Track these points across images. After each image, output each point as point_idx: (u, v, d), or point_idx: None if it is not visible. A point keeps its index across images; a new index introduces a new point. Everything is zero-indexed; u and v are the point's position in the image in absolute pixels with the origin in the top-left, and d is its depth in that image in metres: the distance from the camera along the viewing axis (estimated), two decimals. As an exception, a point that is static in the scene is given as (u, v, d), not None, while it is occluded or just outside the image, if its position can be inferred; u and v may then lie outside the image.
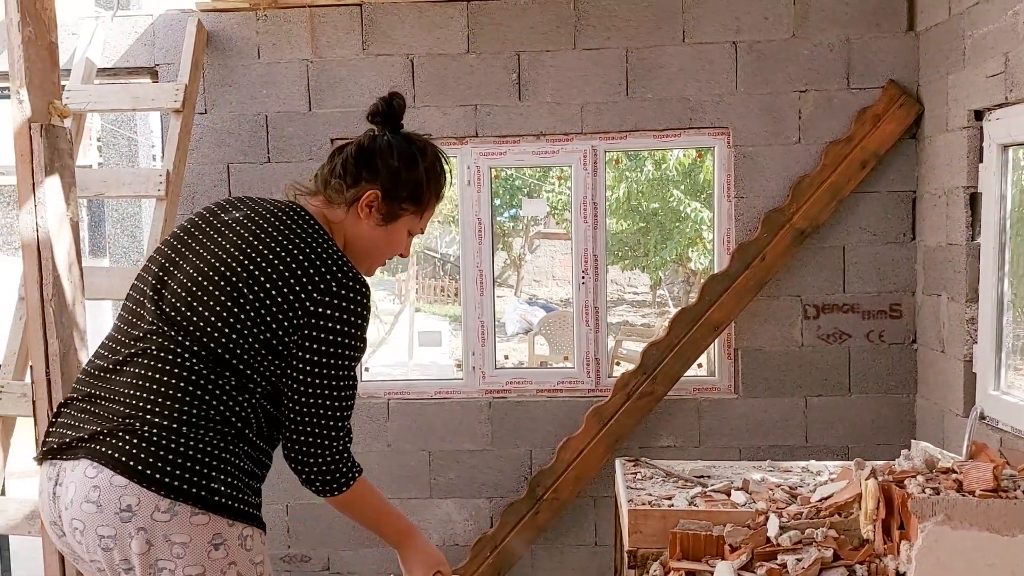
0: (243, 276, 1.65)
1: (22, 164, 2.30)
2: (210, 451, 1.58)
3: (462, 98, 3.86)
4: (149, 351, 1.63)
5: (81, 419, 1.64)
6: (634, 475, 2.69)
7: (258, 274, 1.66)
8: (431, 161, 1.84)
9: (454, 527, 3.98)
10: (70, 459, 1.60)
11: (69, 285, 2.44)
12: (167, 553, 1.54)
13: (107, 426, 1.59)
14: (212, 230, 1.74)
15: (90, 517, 1.55)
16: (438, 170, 1.86)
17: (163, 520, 1.53)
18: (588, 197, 3.92)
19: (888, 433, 3.83)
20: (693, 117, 3.81)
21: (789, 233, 3.71)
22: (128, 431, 1.57)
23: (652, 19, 3.79)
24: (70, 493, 1.58)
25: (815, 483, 2.52)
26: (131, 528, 1.53)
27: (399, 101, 1.83)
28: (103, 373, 1.67)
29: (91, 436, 1.59)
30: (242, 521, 1.60)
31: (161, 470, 1.54)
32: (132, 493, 1.53)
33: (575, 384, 3.99)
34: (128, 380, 1.62)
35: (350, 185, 1.78)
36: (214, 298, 1.64)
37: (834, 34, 3.75)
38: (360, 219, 1.80)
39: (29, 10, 2.18)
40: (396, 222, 1.83)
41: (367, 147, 1.80)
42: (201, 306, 1.64)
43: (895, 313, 3.82)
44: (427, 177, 1.83)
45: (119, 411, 1.60)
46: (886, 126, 3.70)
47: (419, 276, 16.57)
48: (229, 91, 3.91)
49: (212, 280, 1.66)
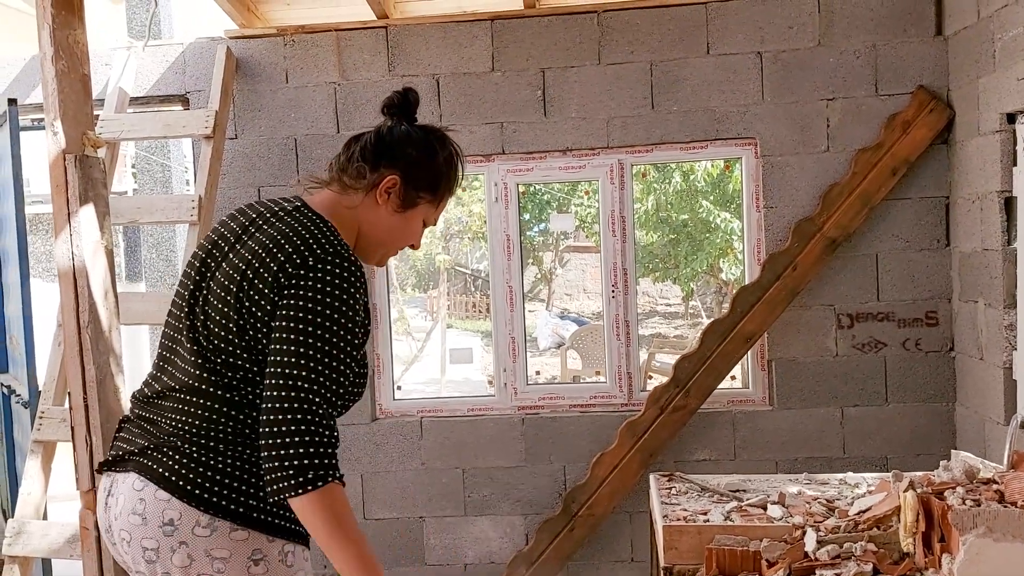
0: (239, 285, 1.62)
1: (57, 194, 2.35)
2: (249, 468, 1.60)
3: (488, 116, 3.89)
4: (188, 383, 1.65)
5: (135, 434, 1.70)
6: (668, 490, 2.66)
7: (250, 277, 1.61)
8: (449, 152, 1.83)
9: (489, 544, 3.98)
10: (121, 471, 1.67)
11: (105, 312, 2.48)
12: (208, 568, 1.57)
13: (154, 442, 1.64)
14: (225, 244, 1.73)
15: (136, 529, 1.60)
16: (454, 161, 1.84)
17: (203, 535, 1.56)
18: (616, 211, 3.91)
19: (928, 443, 3.76)
20: (719, 128, 3.80)
21: (820, 242, 3.67)
22: (172, 448, 1.61)
23: (676, 32, 3.79)
24: (119, 504, 1.64)
25: (853, 496, 2.48)
26: (173, 542, 1.56)
27: (414, 95, 1.83)
28: (154, 395, 1.71)
29: (140, 450, 1.65)
30: (282, 537, 1.62)
31: (201, 486, 1.57)
32: (174, 508, 1.57)
33: (608, 399, 3.97)
34: (172, 405, 1.66)
35: (369, 171, 1.76)
36: (226, 316, 1.63)
37: (861, 41, 3.72)
38: (378, 205, 1.77)
39: (62, 44, 2.24)
40: (413, 209, 1.81)
41: (387, 135, 1.79)
42: (219, 328, 1.63)
43: (931, 320, 3.76)
44: (445, 167, 1.82)
45: (165, 428, 1.65)
46: (916, 132, 3.66)
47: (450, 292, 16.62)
48: (258, 116, 3.97)
49: (223, 299, 1.64)
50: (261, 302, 1.58)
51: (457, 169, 1.85)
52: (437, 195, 1.83)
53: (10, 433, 4.03)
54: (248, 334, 1.59)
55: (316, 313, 1.54)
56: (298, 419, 1.49)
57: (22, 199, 3.50)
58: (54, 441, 3.35)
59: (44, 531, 3.22)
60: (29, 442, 3.37)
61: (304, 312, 1.54)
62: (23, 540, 3.19)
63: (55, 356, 3.42)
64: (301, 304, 1.55)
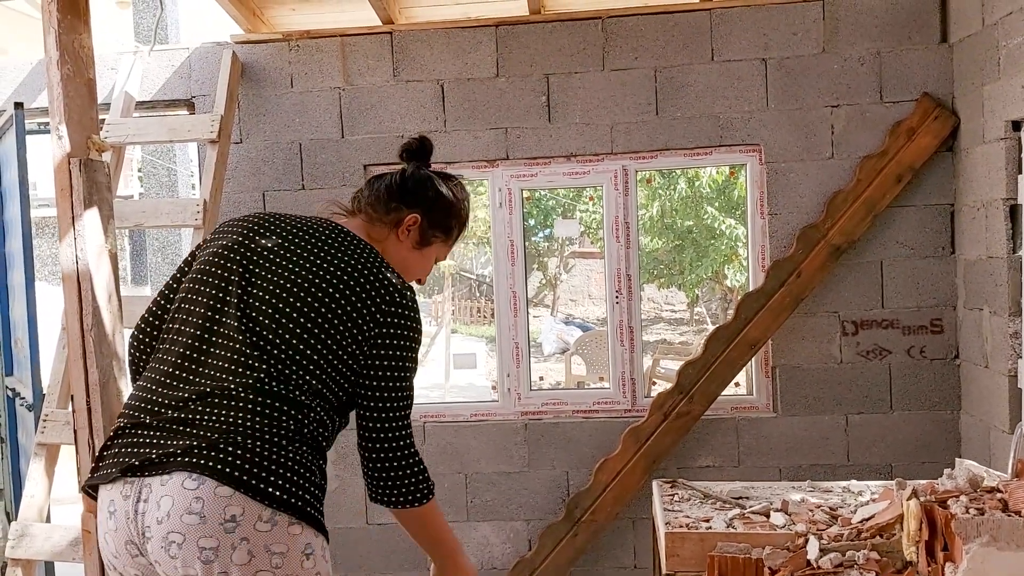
0: (321, 298, 1.74)
1: (62, 198, 2.36)
2: (304, 462, 1.65)
3: (492, 121, 3.89)
4: (247, 383, 1.66)
5: (164, 437, 1.64)
6: (671, 496, 2.66)
7: (335, 294, 1.76)
8: (461, 199, 2.05)
9: (492, 550, 3.97)
10: (157, 474, 1.60)
11: (108, 315, 2.49)
12: (267, 564, 1.56)
13: (205, 441, 1.60)
14: (272, 254, 1.79)
15: (192, 529, 1.55)
16: (464, 207, 2.06)
17: (264, 530, 1.57)
18: (620, 217, 3.91)
19: (932, 451, 3.75)
20: (724, 135, 3.80)
21: (825, 249, 3.67)
22: (231, 443, 1.60)
23: (680, 38, 3.79)
24: (164, 507, 1.57)
25: (856, 503, 2.47)
26: (235, 539, 1.55)
27: (429, 143, 2.05)
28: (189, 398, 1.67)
29: (185, 450, 1.60)
30: (323, 533, 1.67)
31: (264, 479, 1.58)
32: (237, 503, 1.56)
33: (611, 404, 3.97)
34: (223, 404, 1.65)
35: (394, 208, 1.95)
36: (300, 325, 1.71)
37: (865, 48, 3.72)
38: (400, 240, 1.96)
39: (67, 48, 2.25)
40: (428, 247, 2.01)
41: (410, 177, 1.99)
42: (288, 334, 1.71)
43: (936, 328, 3.75)
44: (458, 211, 2.04)
45: (218, 427, 1.62)
46: (921, 139, 3.66)
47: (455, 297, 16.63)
48: (263, 120, 3.98)
49: (294, 306, 1.73)
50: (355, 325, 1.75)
51: (467, 213, 2.08)
52: (451, 236, 2.05)
53: (14, 436, 4.04)
54: (326, 344, 1.72)
55: (410, 340, 1.81)
56: (404, 444, 1.79)
57: (27, 202, 3.51)
58: (58, 444, 3.35)
59: (47, 534, 3.22)
60: (33, 445, 3.37)
61: (401, 340, 1.79)
62: (26, 543, 3.19)
63: (59, 359, 3.42)
64: (399, 333, 1.79)
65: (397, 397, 1.79)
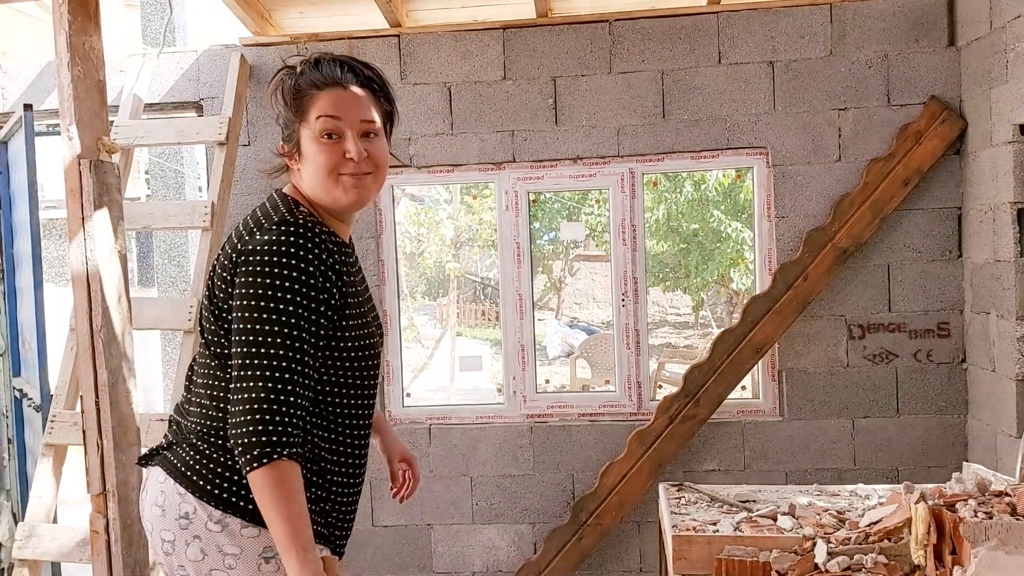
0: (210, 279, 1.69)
1: (72, 199, 2.37)
2: None
3: (499, 124, 3.90)
4: (204, 384, 1.70)
5: (169, 431, 1.77)
6: (678, 500, 2.65)
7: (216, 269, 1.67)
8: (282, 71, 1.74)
9: (497, 553, 3.97)
10: (151, 465, 1.73)
11: (118, 316, 2.50)
12: (220, 563, 1.60)
13: (177, 438, 1.71)
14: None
15: (156, 520, 1.66)
16: (291, 68, 1.72)
17: (215, 531, 1.60)
18: (626, 219, 3.92)
19: (939, 455, 3.74)
20: (730, 137, 3.80)
21: (832, 252, 3.67)
22: (190, 444, 1.67)
23: (687, 41, 3.80)
24: (147, 496, 1.71)
25: (863, 507, 2.46)
26: (188, 535, 1.61)
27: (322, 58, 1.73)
28: (184, 401, 1.77)
29: (167, 445, 1.72)
30: None
31: (212, 483, 1.62)
32: (189, 502, 1.62)
33: (617, 408, 3.97)
34: (195, 404, 1.71)
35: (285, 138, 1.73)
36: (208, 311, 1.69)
37: (872, 51, 3.72)
38: (295, 168, 1.71)
39: (78, 50, 2.26)
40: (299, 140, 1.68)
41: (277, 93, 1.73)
42: (210, 324, 1.70)
43: (943, 332, 3.75)
44: (281, 83, 1.71)
45: (187, 427, 1.70)
46: (929, 142, 3.65)
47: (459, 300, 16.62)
48: (272, 123, 3.98)
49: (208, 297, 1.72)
50: (224, 287, 1.61)
51: (299, 68, 1.70)
52: (296, 112, 1.68)
53: (22, 437, 4.05)
54: (224, 328, 1.63)
55: (263, 286, 1.52)
56: (252, 397, 1.49)
57: (36, 204, 3.52)
58: (65, 445, 3.37)
59: (54, 535, 3.23)
60: (40, 446, 3.38)
61: (251, 287, 1.53)
62: (33, 544, 3.20)
63: (67, 360, 3.44)
64: (248, 279, 1.54)
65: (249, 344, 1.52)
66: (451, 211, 12.93)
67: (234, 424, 1.50)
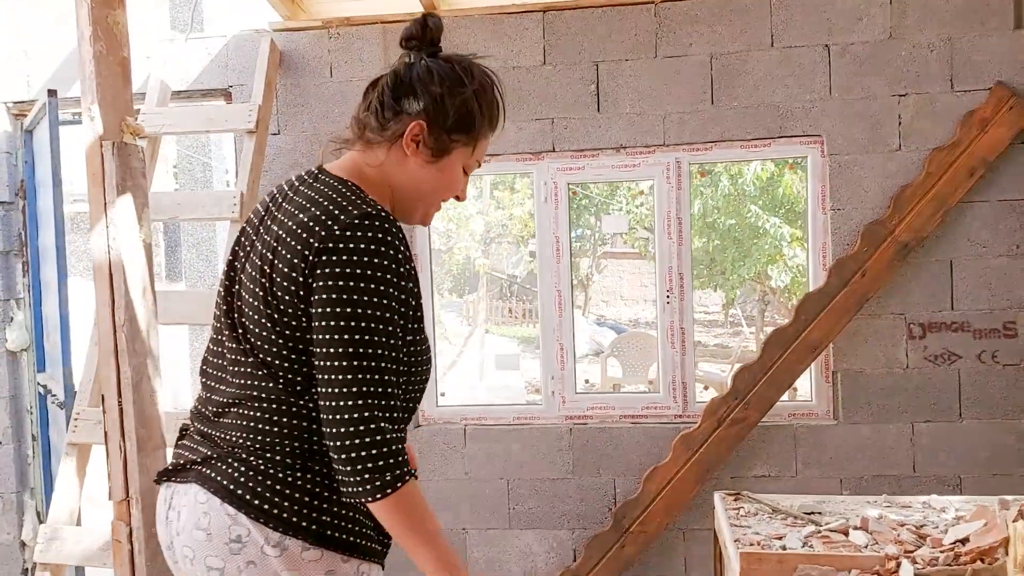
0: (267, 276, 1.45)
1: (93, 184, 2.22)
2: (322, 481, 1.45)
3: (538, 111, 3.72)
4: (247, 392, 1.49)
5: (197, 441, 1.55)
6: (736, 510, 2.48)
7: (274, 264, 1.45)
8: (480, 82, 1.55)
9: (535, 560, 3.80)
10: (183, 482, 1.52)
11: (143, 310, 2.35)
12: None
13: (218, 452, 1.49)
14: (246, 238, 1.59)
15: (200, 545, 1.45)
16: (489, 93, 1.56)
17: (273, 555, 1.41)
18: (672, 212, 3.73)
19: (1005, 463, 3.52)
20: (783, 125, 3.60)
21: (891, 247, 3.46)
22: (237, 459, 1.46)
23: (737, 23, 3.60)
24: (182, 519, 1.49)
25: (941, 521, 2.27)
26: (240, 561, 1.42)
27: (435, 20, 1.57)
28: (214, 414, 1.55)
29: (204, 459, 1.50)
30: (358, 556, 1.48)
31: (271, 501, 1.42)
32: (242, 524, 1.42)
33: (661, 409, 3.79)
34: (236, 414, 1.50)
35: (389, 119, 1.53)
36: (261, 314, 1.46)
37: (935, 34, 3.51)
38: (406, 158, 1.54)
39: (101, 24, 2.11)
40: (448, 157, 1.55)
41: (403, 74, 1.54)
42: (260, 330, 1.47)
43: (1009, 331, 3.53)
44: (477, 100, 1.54)
45: (229, 439, 1.49)
46: (995, 131, 3.44)
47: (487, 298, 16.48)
48: (302, 111, 3.84)
49: (255, 295, 1.48)
50: (291, 288, 1.41)
51: (493, 102, 1.57)
52: (472, 134, 1.56)
53: (46, 434, 3.94)
54: (285, 333, 1.43)
55: (357, 291, 1.36)
56: (363, 417, 1.35)
57: (60, 194, 3.40)
58: (89, 444, 3.24)
59: (78, 537, 3.11)
60: (64, 444, 3.26)
61: (342, 292, 1.36)
62: (56, 547, 3.08)
63: (92, 356, 3.31)
64: (338, 284, 1.36)
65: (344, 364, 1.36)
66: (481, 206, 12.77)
67: (345, 447, 1.35)
